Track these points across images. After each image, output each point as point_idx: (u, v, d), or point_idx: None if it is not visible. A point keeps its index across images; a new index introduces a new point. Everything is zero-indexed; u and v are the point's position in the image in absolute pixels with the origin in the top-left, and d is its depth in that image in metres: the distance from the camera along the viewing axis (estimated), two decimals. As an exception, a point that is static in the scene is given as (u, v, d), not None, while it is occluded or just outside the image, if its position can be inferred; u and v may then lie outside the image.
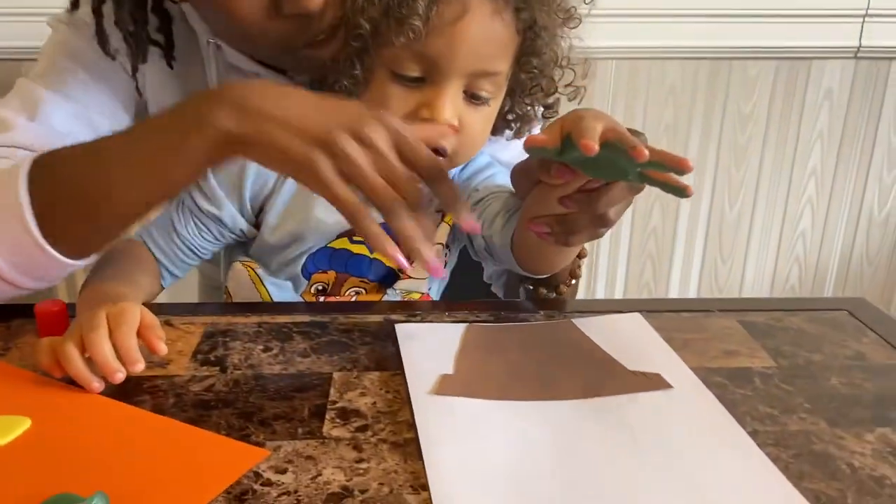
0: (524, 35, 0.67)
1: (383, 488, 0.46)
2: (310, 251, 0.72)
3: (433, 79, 0.65)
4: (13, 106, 0.74)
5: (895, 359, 0.62)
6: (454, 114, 0.65)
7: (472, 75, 0.65)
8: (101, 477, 0.46)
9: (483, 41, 0.64)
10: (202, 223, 0.72)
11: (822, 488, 0.46)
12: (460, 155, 0.68)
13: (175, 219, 0.72)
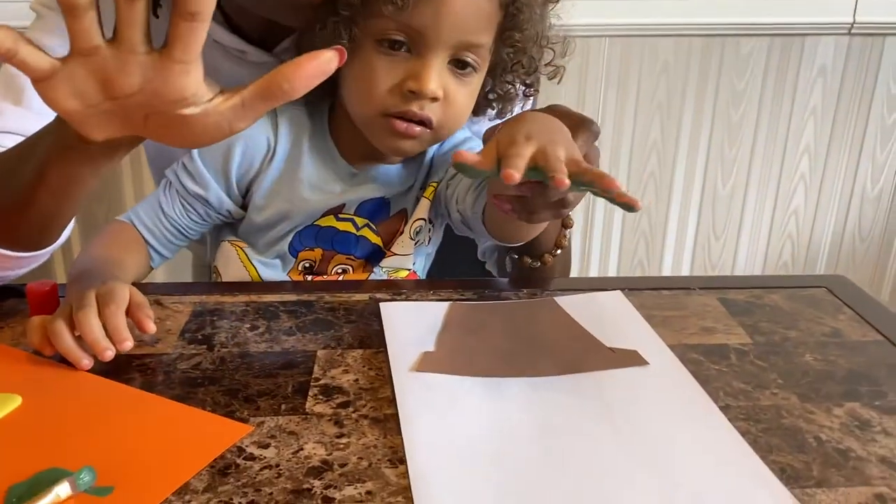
0: (506, 10, 0.68)
1: (362, 462, 0.47)
2: (296, 229, 0.73)
3: (419, 50, 0.65)
4: None
5: (870, 336, 0.63)
6: (439, 85, 0.66)
7: (456, 47, 0.66)
8: (89, 452, 0.47)
9: (467, 13, 0.65)
10: (189, 204, 0.73)
11: (789, 461, 0.48)
12: (445, 127, 0.69)
13: (162, 200, 0.73)
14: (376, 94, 0.66)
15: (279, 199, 0.72)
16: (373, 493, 0.44)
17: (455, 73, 0.67)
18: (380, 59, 0.66)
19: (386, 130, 0.67)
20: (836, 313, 0.67)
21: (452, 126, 0.70)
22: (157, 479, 0.45)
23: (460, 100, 0.68)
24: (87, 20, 0.44)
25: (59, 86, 0.46)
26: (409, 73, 0.65)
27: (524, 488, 0.45)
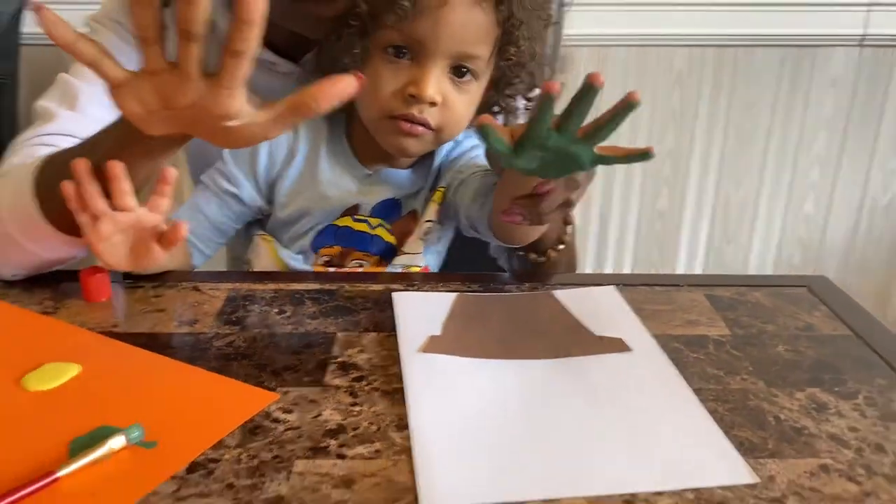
0: (503, 26, 0.75)
1: (372, 426, 0.54)
2: (317, 227, 0.81)
3: (419, 59, 0.73)
4: (55, 99, 0.83)
5: (840, 330, 0.69)
6: (437, 90, 0.73)
7: (454, 57, 0.73)
8: (138, 412, 0.54)
9: (464, 26, 0.72)
10: (224, 202, 0.81)
11: (748, 436, 0.54)
12: (445, 131, 0.76)
13: (201, 202, 0.81)
14: (381, 97, 0.74)
15: (300, 197, 0.80)
16: (380, 451, 0.51)
17: (454, 80, 0.74)
18: (385, 67, 0.73)
19: (391, 131, 0.75)
20: (812, 310, 0.73)
21: (452, 129, 0.76)
22: (195, 436, 0.52)
23: (458, 105, 0.75)
24: (155, 48, 0.54)
25: (128, 93, 0.56)
26: (410, 79, 0.73)
27: (510, 452, 0.51)
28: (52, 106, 0.82)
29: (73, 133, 0.80)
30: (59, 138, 0.80)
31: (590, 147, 0.57)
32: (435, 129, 0.75)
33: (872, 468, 0.51)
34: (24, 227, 0.69)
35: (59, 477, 0.47)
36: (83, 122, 0.81)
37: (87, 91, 0.82)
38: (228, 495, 0.47)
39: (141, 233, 0.66)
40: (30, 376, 0.58)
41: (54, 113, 0.81)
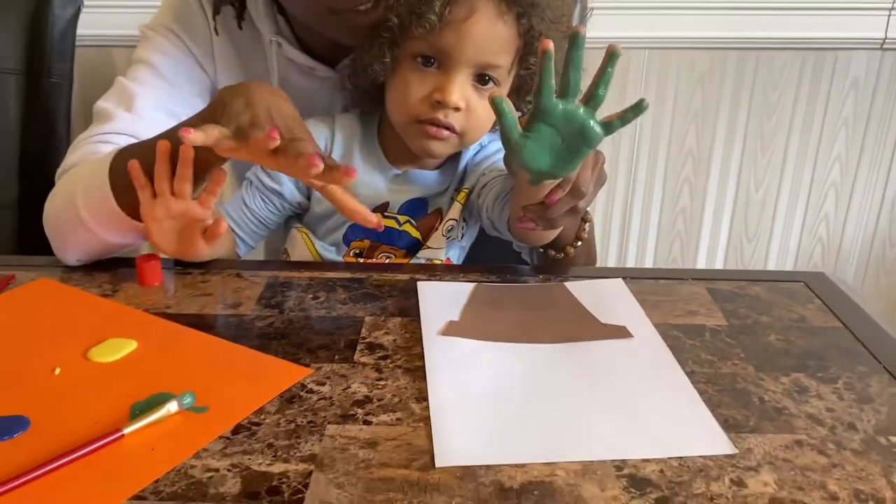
0: (524, 38, 0.81)
1: (395, 398, 0.61)
2: (349, 222, 0.88)
3: (445, 67, 0.79)
4: (113, 100, 0.91)
5: (830, 322, 0.74)
6: (461, 97, 0.79)
7: (478, 66, 0.79)
8: (190, 381, 0.62)
9: (487, 38, 0.78)
10: (267, 198, 0.88)
11: (732, 414, 0.60)
12: (468, 135, 0.83)
13: (245, 197, 0.88)
14: (409, 102, 0.80)
15: None
16: (401, 419, 0.58)
17: (477, 87, 0.80)
18: (413, 74, 0.80)
19: (419, 134, 0.81)
20: (807, 303, 0.78)
21: (475, 133, 0.83)
22: (240, 403, 0.60)
23: (481, 110, 0.81)
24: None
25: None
26: (436, 85, 0.79)
27: (515, 421, 0.58)
28: (110, 107, 0.90)
29: (130, 132, 0.88)
30: (117, 137, 0.88)
31: (593, 113, 0.62)
32: (459, 132, 0.81)
33: (842, 444, 0.56)
34: (97, 212, 0.78)
35: (125, 434, 0.55)
36: (139, 123, 0.89)
37: (143, 95, 0.90)
38: (269, 453, 0.54)
39: (189, 223, 0.74)
40: (94, 350, 0.66)
41: (112, 114, 0.89)
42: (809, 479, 0.52)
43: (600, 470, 0.53)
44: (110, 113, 0.89)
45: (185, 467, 0.53)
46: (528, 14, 0.79)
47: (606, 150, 1.68)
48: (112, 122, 0.89)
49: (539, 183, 0.66)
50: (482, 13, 0.78)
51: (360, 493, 0.50)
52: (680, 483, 0.52)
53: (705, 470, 0.53)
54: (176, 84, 0.93)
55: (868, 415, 0.60)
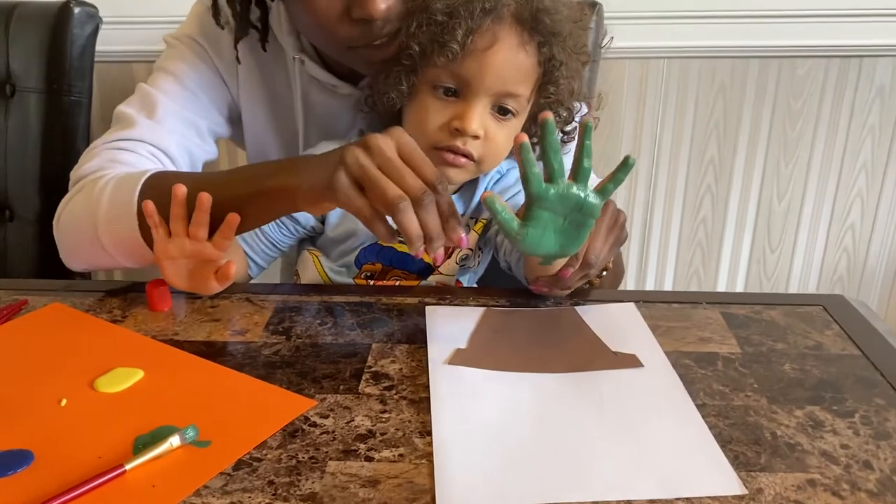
0: (545, 66, 0.80)
1: (398, 432, 0.60)
2: (362, 246, 0.87)
3: (465, 96, 0.78)
4: (135, 107, 0.91)
5: (848, 350, 0.72)
6: (480, 125, 0.78)
7: (497, 95, 0.78)
8: (193, 415, 0.62)
9: (508, 67, 0.77)
10: (281, 221, 0.88)
11: (743, 450, 0.58)
12: (485, 163, 0.82)
13: None
14: (429, 130, 0.79)
15: (348, 218, 0.86)
16: (404, 455, 0.57)
17: (496, 116, 0.79)
18: (433, 102, 0.79)
19: (436, 160, 0.80)
20: (825, 329, 0.76)
21: (492, 161, 0.82)
22: (242, 437, 0.59)
23: (499, 139, 0.80)
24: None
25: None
26: (455, 114, 0.78)
27: (519, 458, 0.57)
28: (132, 113, 0.90)
29: (150, 140, 0.88)
30: (137, 144, 0.87)
31: (585, 186, 0.62)
32: (476, 160, 0.80)
33: (857, 484, 0.54)
34: (119, 239, 0.78)
35: (127, 470, 0.55)
36: (159, 131, 0.89)
37: (165, 103, 0.90)
38: (269, 491, 0.54)
39: (203, 263, 0.74)
40: (101, 380, 0.66)
41: (134, 120, 0.89)
42: (821, 523, 0.51)
43: (604, 511, 0.52)
44: (132, 119, 0.89)
45: (185, 505, 0.52)
46: (550, 43, 0.78)
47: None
48: (133, 129, 0.88)
49: (550, 263, 0.67)
50: (504, 43, 0.77)
51: (358, 535, 0.50)
52: (686, 526, 0.50)
53: (713, 512, 0.52)
54: (198, 95, 0.93)
55: (885, 452, 0.58)
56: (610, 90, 1.58)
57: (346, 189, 0.66)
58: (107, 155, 0.86)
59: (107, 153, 0.87)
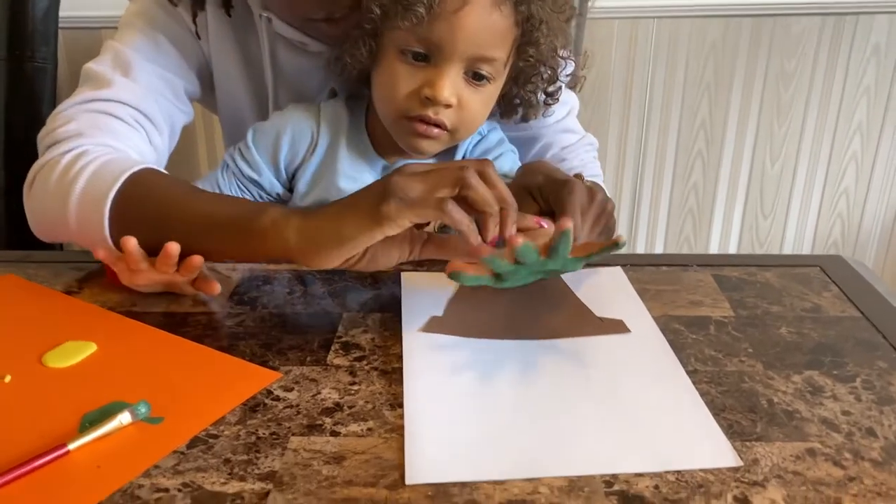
0: (523, 27, 0.74)
1: (367, 405, 0.56)
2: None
3: (436, 60, 0.72)
4: (107, 64, 0.84)
5: (848, 312, 0.68)
6: (453, 92, 0.73)
7: (471, 59, 0.72)
8: (147, 389, 0.57)
9: (481, 30, 0.71)
10: (245, 186, 0.83)
11: (738, 419, 0.54)
12: (461, 131, 0.76)
13: (221, 181, 0.83)
14: (397, 98, 0.74)
15: (318, 188, 0.81)
16: (373, 429, 0.53)
17: (470, 82, 0.74)
18: (401, 67, 0.73)
19: (407, 131, 0.75)
20: (822, 291, 0.72)
21: (468, 129, 0.77)
22: (199, 413, 0.55)
23: (474, 106, 0.75)
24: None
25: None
26: (425, 80, 0.73)
27: (499, 429, 0.52)
28: (105, 70, 0.83)
29: (129, 102, 0.81)
30: (118, 106, 0.81)
31: (562, 257, 0.60)
32: (450, 129, 0.75)
33: (860, 453, 0.51)
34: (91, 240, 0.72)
35: (70, 450, 0.51)
36: (138, 91, 0.82)
37: (139, 60, 0.83)
38: (224, 470, 0.49)
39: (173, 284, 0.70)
40: (50, 354, 0.62)
41: (109, 79, 0.82)
42: (823, 496, 0.47)
43: (588, 486, 0.48)
44: (106, 77, 0.82)
45: (133, 487, 0.48)
46: (528, 2, 0.72)
47: (614, 125, 1.61)
48: (109, 89, 0.82)
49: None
50: (476, 3, 0.70)
51: (319, 517, 0.45)
52: (676, 501, 0.46)
53: (705, 486, 0.48)
54: (171, 52, 0.86)
55: (889, 418, 0.54)
56: (598, 52, 1.53)
57: (400, 207, 0.59)
58: (87, 119, 0.79)
59: (87, 117, 0.80)
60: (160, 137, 0.84)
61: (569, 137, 0.92)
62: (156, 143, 0.83)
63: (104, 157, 0.75)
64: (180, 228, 0.67)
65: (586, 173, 0.86)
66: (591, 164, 0.92)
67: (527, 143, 0.91)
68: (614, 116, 1.59)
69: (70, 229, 0.73)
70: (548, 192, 0.69)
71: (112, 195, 0.70)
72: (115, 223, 0.70)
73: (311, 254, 0.62)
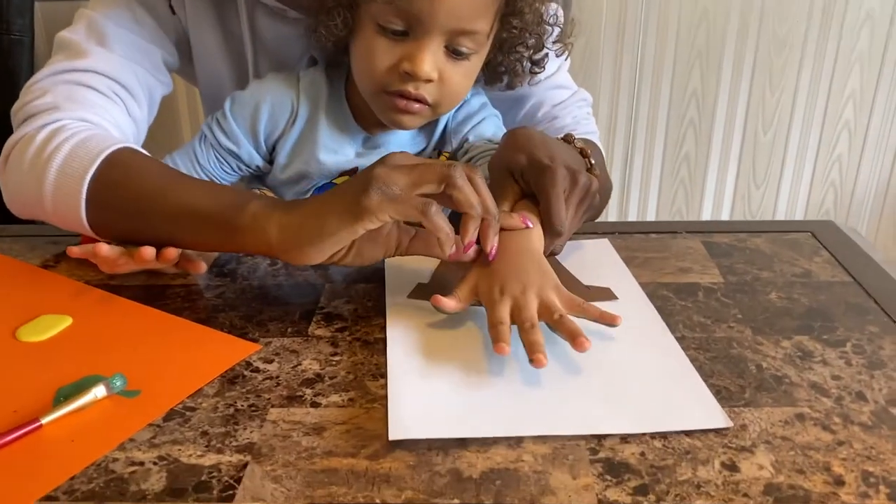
0: None
1: (349, 375, 0.55)
2: (315, 186, 0.81)
3: (415, 34, 0.69)
4: (82, 33, 0.80)
5: (839, 276, 0.67)
6: (433, 67, 0.70)
7: (452, 33, 0.69)
8: (123, 363, 0.56)
9: (462, 2, 0.68)
10: (223, 158, 0.80)
11: (726, 384, 0.53)
12: (442, 106, 0.74)
13: (198, 152, 0.80)
14: (376, 72, 0.71)
15: (299, 160, 0.79)
16: (354, 399, 0.52)
17: (451, 55, 0.71)
18: (379, 41, 0.70)
19: (387, 106, 0.73)
20: (813, 256, 0.71)
21: (449, 103, 0.75)
22: (176, 386, 0.54)
23: (455, 80, 0.72)
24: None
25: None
26: (405, 54, 0.70)
27: (480, 392, 0.52)
28: (80, 39, 0.79)
29: (106, 73, 0.78)
30: (95, 77, 0.78)
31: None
32: (432, 105, 0.73)
33: (850, 417, 0.50)
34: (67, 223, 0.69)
35: (43, 424, 0.49)
36: (114, 60, 0.79)
37: (115, 29, 0.80)
38: (201, 442, 0.48)
39: None
40: (24, 328, 0.60)
41: (84, 48, 0.78)
42: (811, 461, 0.46)
43: (573, 454, 0.47)
44: (81, 47, 0.79)
45: (107, 461, 0.47)
46: None
47: (604, 94, 1.59)
48: (85, 59, 0.78)
49: None
50: None
51: (297, 488, 0.44)
52: (663, 468, 0.45)
53: (692, 452, 0.47)
54: (147, 20, 0.84)
55: (879, 382, 0.53)
56: (587, 20, 1.50)
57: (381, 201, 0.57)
58: (63, 91, 0.76)
59: (63, 89, 0.76)
60: (139, 109, 0.81)
61: (560, 94, 0.89)
62: (135, 115, 0.81)
63: (81, 133, 0.72)
64: (158, 221, 0.65)
65: (580, 130, 0.84)
66: (585, 121, 0.89)
67: (517, 102, 0.88)
68: (604, 85, 1.57)
69: (46, 210, 0.70)
70: (529, 178, 0.67)
71: (89, 178, 0.67)
72: (91, 207, 0.67)
73: (293, 250, 0.60)
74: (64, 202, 0.68)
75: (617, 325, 0.56)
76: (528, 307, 0.56)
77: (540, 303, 0.57)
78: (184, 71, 0.94)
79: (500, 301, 0.57)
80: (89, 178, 0.67)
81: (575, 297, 0.58)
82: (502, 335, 0.54)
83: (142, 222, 0.65)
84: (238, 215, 0.61)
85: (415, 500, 0.43)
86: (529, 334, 0.54)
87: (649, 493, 0.43)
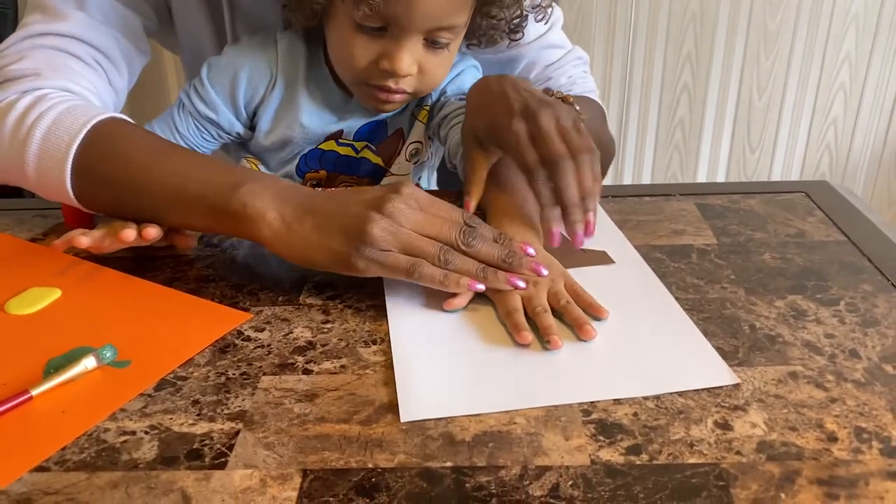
0: None
1: (341, 342, 0.54)
2: (301, 153, 0.80)
3: (392, 33, 0.68)
4: None
5: (833, 236, 0.67)
6: (412, 62, 0.69)
7: (429, 30, 0.69)
8: (114, 334, 0.55)
9: (439, 4, 0.67)
10: (202, 125, 0.79)
11: (720, 344, 0.53)
12: (423, 91, 0.75)
13: (177, 119, 0.78)
14: (355, 67, 0.71)
15: (281, 125, 0.78)
16: (346, 366, 0.52)
17: (430, 46, 0.70)
18: (357, 36, 0.69)
19: (367, 95, 0.73)
20: (807, 216, 0.70)
21: (429, 88, 0.75)
22: (166, 356, 0.53)
23: (435, 70, 0.72)
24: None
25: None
26: (384, 52, 0.69)
27: (490, 363, 0.52)
28: (57, 3, 0.75)
29: (86, 39, 0.75)
30: (73, 42, 0.75)
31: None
32: (412, 92, 0.73)
33: (843, 374, 0.50)
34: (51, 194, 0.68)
35: (33, 396, 0.49)
36: (94, 26, 0.76)
37: None
38: (193, 411, 0.48)
39: None
40: (13, 301, 0.60)
41: (62, 10, 0.75)
42: (804, 418, 0.46)
43: (565, 415, 0.46)
44: (59, 9, 0.75)
45: (98, 431, 0.47)
46: None
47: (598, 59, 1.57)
48: (63, 22, 0.75)
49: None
50: None
51: (290, 455, 0.44)
52: (655, 428, 0.45)
53: (685, 411, 0.47)
54: None
55: (873, 339, 0.53)
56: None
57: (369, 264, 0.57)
58: (43, 57, 0.73)
59: (42, 54, 0.74)
60: (119, 78, 0.79)
61: (553, 53, 0.86)
62: (115, 84, 0.79)
63: (65, 103, 0.70)
64: (147, 199, 0.64)
65: (576, 90, 0.83)
66: (582, 80, 0.87)
67: (508, 64, 0.86)
68: (598, 50, 1.55)
69: (28, 178, 0.69)
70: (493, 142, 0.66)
71: (75, 147, 0.65)
72: (77, 178, 0.66)
73: (283, 255, 0.60)
74: (48, 174, 0.67)
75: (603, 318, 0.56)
76: (539, 294, 0.56)
77: (548, 290, 0.57)
78: (163, 38, 0.92)
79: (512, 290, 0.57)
80: (76, 148, 0.65)
81: (576, 283, 0.58)
82: (521, 323, 0.54)
83: (129, 199, 0.64)
84: (230, 201, 0.60)
85: (407, 463, 0.43)
86: (543, 319, 0.54)
87: (642, 452, 0.43)
